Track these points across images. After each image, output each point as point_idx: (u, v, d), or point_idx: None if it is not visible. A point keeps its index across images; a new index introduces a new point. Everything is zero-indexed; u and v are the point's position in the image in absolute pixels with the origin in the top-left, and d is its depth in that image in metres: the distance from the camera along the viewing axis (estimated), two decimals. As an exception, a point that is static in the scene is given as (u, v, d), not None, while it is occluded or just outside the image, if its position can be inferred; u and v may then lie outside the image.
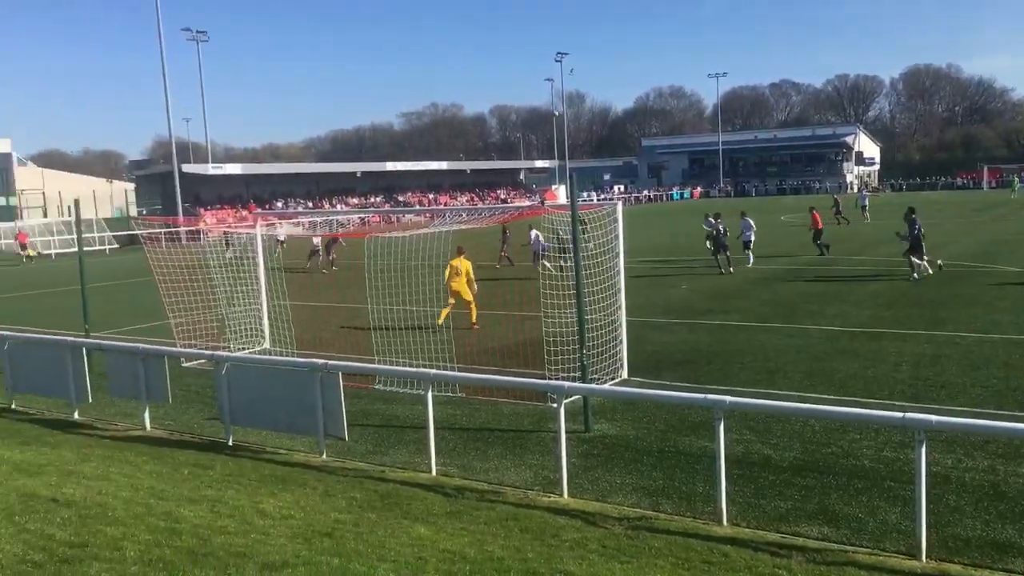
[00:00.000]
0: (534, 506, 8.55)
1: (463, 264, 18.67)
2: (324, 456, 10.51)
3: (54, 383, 13.26)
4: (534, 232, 28.62)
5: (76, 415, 13.02)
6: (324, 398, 10.35)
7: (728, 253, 27.20)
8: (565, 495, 8.87)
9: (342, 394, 10.33)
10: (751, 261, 28.77)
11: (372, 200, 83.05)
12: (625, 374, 13.78)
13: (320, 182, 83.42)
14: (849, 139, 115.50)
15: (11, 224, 65.55)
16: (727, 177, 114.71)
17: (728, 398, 8.23)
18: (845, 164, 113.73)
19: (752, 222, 29.55)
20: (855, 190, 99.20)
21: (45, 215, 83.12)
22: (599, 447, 10.57)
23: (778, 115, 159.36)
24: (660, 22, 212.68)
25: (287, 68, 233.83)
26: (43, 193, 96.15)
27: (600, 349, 13.30)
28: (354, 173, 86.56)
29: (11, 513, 7.35)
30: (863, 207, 50.59)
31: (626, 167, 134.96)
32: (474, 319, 18.71)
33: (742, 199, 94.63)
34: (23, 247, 52.39)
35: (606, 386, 12.53)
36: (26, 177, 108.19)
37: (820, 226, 31.62)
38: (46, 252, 56.01)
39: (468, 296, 18.61)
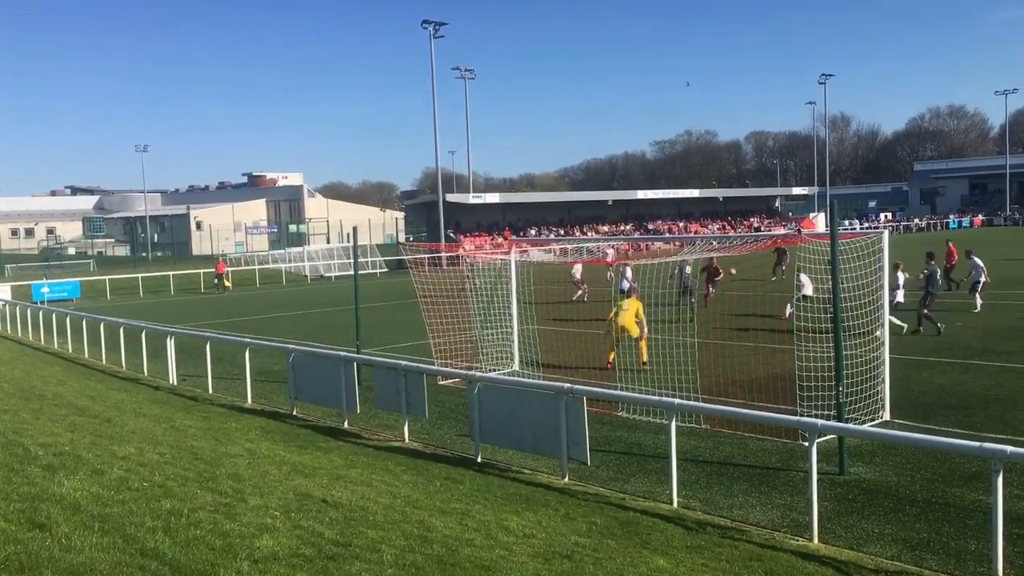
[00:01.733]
0: (781, 548, 8.15)
1: (632, 304, 17.95)
2: (566, 479, 10.68)
3: (328, 394, 14.57)
4: (687, 268, 25.68)
5: (346, 424, 14.20)
6: (568, 422, 10.54)
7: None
8: (815, 540, 8.37)
9: (586, 419, 10.47)
10: (978, 307, 24.46)
11: (622, 228, 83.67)
12: (887, 415, 12.79)
13: (572, 210, 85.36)
14: None
15: (300, 249, 73.09)
16: (1015, 204, 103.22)
17: (1009, 448, 7.38)
18: None
19: (980, 262, 25.11)
20: None
21: (328, 241, 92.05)
22: (854, 492, 9.88)
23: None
24: (937, 37, 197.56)
25: (546, 101, 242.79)
26: (327, 221, 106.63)
27: (859, 387, 12.47)
28: (605, 201, 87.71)
29: (288, 509, 8.15)
30: None
31: (895, 193, 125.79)
32: (644, 358, 17.51)
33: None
34: (219, 276, 51.45)
35: (865, 427, 11.70)
36: (313, 207, 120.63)
37: (955, 261, 29.70)
38: (327, 274, 61.86)
39: (634, 332, 17.66)
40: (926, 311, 20.99)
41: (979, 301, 24.68)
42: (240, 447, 11.80)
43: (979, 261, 25.21)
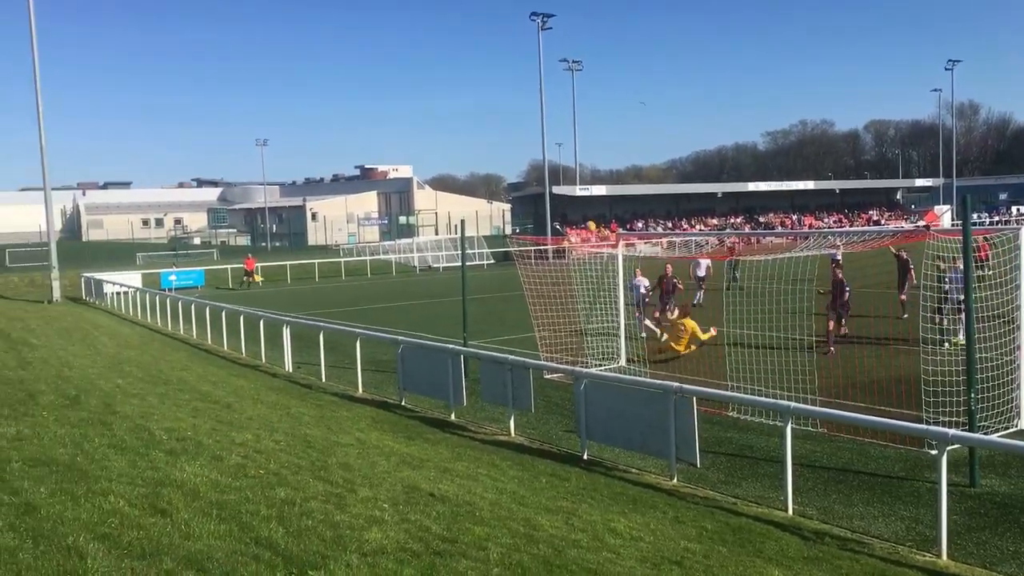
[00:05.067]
0: (906, 563, 7.71)
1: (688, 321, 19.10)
2: (675, 480, 10.43)
3: (436, 385, 14.70)
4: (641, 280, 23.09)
5: (452, 416, 14.29)
6: (677, 421, 10.28)
7: None
8: (944, 556, 7.88)
9: (696, 419, 10.19)
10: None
11: (731, 221, 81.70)
12: (1022, 424, 11.98)
13: (680, 202, 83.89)
14: None
15: (409, 240, 74.41)
16: None
17: None
18: None
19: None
20: None
21: (436, 232, 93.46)
22: (987, 506, 9.27)
23: None
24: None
25: (654, 92, 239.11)
26: (435, 213, 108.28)
27: (991, 393, 11.71)
28: (714, 194, 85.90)
29: (396, 502, 8.21)
30: None
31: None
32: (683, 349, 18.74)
33: None
34: (247, 273, 49.56)
35: (997, 436, 10.96)
36: (423, 199, 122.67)
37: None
38: (435, 265, 62.75)
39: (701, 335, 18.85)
40: None
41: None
42: (351, 436, 12.02)
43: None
